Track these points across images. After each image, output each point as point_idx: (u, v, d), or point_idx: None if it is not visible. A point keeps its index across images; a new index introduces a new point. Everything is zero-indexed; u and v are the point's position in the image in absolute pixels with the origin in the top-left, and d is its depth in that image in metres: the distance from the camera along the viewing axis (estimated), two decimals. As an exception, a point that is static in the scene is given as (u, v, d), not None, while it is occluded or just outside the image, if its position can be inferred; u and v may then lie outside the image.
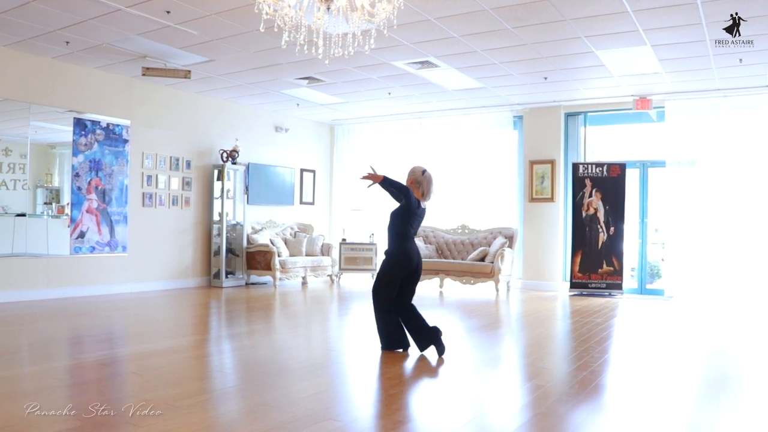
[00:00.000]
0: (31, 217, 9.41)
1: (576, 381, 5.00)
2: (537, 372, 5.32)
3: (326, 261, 12.91)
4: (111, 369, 5.18)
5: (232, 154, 11.92)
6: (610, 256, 11.51)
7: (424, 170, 6.05)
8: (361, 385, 4.98)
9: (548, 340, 7.19)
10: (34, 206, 9.56)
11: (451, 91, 11.21)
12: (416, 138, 13.63)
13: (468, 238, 12.68)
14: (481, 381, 5.15)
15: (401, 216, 5.91)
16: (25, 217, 9.26)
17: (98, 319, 8.02)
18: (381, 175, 5.71)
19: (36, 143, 9.52)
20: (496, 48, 8.54)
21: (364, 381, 5.11)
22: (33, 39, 8.49)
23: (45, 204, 9.75)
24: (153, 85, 10.83)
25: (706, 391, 4.89)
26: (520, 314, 9.10)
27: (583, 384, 4.87)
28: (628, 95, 11.13)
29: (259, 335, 6.93)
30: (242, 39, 8.32)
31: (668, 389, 4.88)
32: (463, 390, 4.88)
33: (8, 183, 9.10)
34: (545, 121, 12.26)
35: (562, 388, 4.80)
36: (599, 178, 11.61)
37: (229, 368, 5.42)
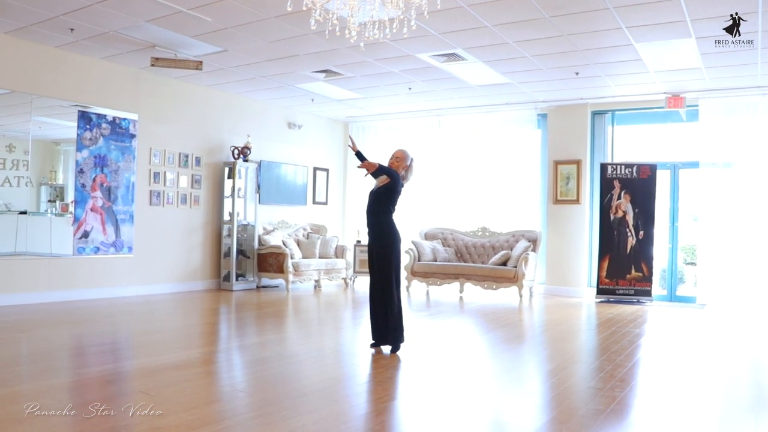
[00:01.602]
0: (34, 215, 8.98)
1: (605, 398, 4.48)
2: (563, 389, 4.79)
3: (340, 263, 12.38)
4: (116, 387, 4.65)
5: (244, 151, 11.39)
6: (639, 262, 10.95)
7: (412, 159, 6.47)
8: (381, 408, 4.44)
9: (578, 353, 6.64)
10: (38, 204, 9.13)
11: (475, 87, 10.66)
12: (434, 136, 13.11)
13: (488, 241, 12.14)
14: (504, 397, 4.62)
15: (390, 195, 6.15)
16: (27, 215, 8.77)
17: (102, 326, 7.50)
18: (376, 164, 6.08)
19: (40, 139, 9.06)
20: (530, 39, 7.99)
21: (382, 402, 4.58)
22: (35, 25, 7.98)
23: (49, 202, 9.28)
24: (162, 77, 10.31)
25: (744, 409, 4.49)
26: (547, 323, 8.54)
27: (612, 402, 4.34)
28: (660, 92, 10.58)
29: (272, 347, 6.39)
30: (259, 27, 7.78)
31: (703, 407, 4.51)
32: (485, 406, 4.43)
33: (12, 180, 8.68)
34: (571, 119, 11.72)
35: (588, 404, 4.27)
36: (628, 179, 11.05)
37: (242, 388, 4.88)
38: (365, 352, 6.24)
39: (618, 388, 4.93)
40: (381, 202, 6.16)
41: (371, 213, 6.21)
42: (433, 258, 11.86)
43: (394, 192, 6.16)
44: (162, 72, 10.01)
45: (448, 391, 4.85)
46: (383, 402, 4.56)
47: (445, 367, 5.74)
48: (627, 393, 4.83)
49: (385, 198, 6.16)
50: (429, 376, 5.42)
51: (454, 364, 5.90)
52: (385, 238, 6.14)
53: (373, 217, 6.19)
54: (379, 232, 6.16)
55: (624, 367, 5.80)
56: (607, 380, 5.19)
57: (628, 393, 4.84)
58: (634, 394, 4.87)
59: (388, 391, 4.95)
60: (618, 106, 11.47)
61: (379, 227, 6.16)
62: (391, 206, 6.20)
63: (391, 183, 6.13)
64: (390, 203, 6.18)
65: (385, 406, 4.45)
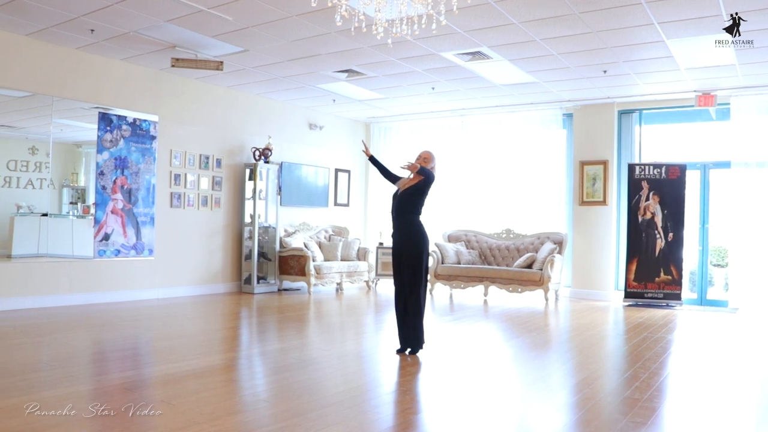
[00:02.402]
0: (56, 217, 8.96)
1: (644, 409, 4.27)
2: (597, 400, 4.57)
3: (362, 266, 12.21)
4: (136, 395, 4.51)
5: (265, 152, 11.27)
6: (669, 264, 10.67)
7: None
8: (408, 420, 4.27)
9: (610, 361, 6.40)
10: (60, 206, 9.09)
11: (499, 86, 10.45)
12: (457, 137, 12.91)
13: (513, 243, 11.91)
14: (533, 409, 4.41)
15: (419, 196, 6.13)
16: (48, 216, 8.73)
17: (123, 330, 7.40)
18: (418, 165, 6.09)
19: (62, 141, 9.05)
20: (558, 36, 7.78)
21: (409, 414, 4.40)
22: (55, 27, 7.89)
23: (71, 204, 9.21)
24: (182, 78, 10.21)
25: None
26: (575, 328, 8.31)
27: (652, 414, 4.13)
28: (690, 91, 10.30)
29: (295, 353, 6.23)
30: (280, 26, 7.64)
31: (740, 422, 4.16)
32: (513, 420, 4.24)
33: (34, 182, 8.64)
34: (597, 119, 11.47)
35: (627, 417, 4.06)
36: (657, 180, 10.78)
37: (265, 397, 4.72)
38: (389, 358, 6.08)
39: (656, 399, 4.73)
40: (409, 202, 6.11)
41: (399, 214, 6.13)
42: (457, 260, 11.66)
43: (423, 193, 6.13)
44: (182, 73, 9.91)
45: (474, 403, 4.66)
46: (410, 414, 4.38)
47: (471, 376, 5.55)
48: (666, 404, 4.62)
49: (413, 199, 6.11)
50: (454, 385, 5.23)
51: (479, 373, 5.70)
52: (415, 238, 6.08)
53: (402, 219, 6.12)
54: (407, 233, 6.09)
55: (660, 375, 5.58)
56: (644, 390, 4.98)
57: (667, 404, 4.63)
58: (674, 404, 4.66)
59: (414, 401, 4.77)
60: (646, 105, 11.20)
61: (407, 229, 6.10)
62: (420, 207, 6.17)
63: (421, 183, 6.10)
64: (419, 204, 6.15)
65: (412, 419, 4.27)
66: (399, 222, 6.13)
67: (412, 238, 6.07)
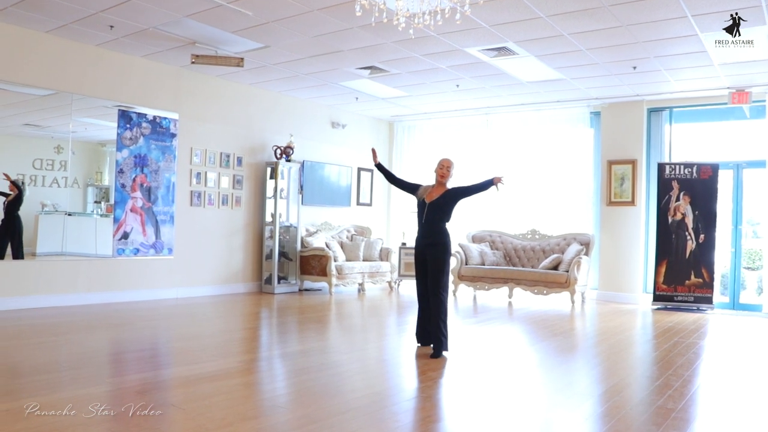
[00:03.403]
0: (80, 215, 8.94)
1: (679, 420, 4.03)
2: (628, 409, 4.34)
3: (385, 266, 12.03)
4: (148, 398, 4.36)
5: (286, 150, 11.12)
6: (699, 267, 10.36)
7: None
8: (429, 429, 4.07)
9: (640, 367, 6.14)
10: (84, 205, 9.05)
11: (525, 84, 10.21)
12: (481, 136, 12.68)
13: (539, 244, 11.65)
14: (561, 419, 4.19)
15: (452, 206, 6.27)
16: (69, 215, 8.71)
17: (140, 331, 7.29)
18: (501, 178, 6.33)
19: (86, 141, 9.04)
20: (587, 31, 7.53)
21: (430, 422, 4.21)
22: (75, 23, 7.81)
23: (95, 203, 9.15)
24: (203, 75, 10.10)
25: None
26: (603, 332, 8.03)
27: (687, 426, 3.90)
28: (723, 87, 9.98)
29: (314, 356, 6.06)
30: (301, 21, 7.48)
31: None
32: (536, 427, 4.01)
33: (60, 180, 8.62)
34: (626, 117, 11.18)
35: (662, 428, 3.85)
36: (688, 179, 10.47)
37: (282, 402, 4.56)
38: (411, 362, 5.91)
39: (690, 409, 4.49)
40: (443, 212, 6.22)
41: (431, 223, 6.21)
42: (481, 261, 11.43)
43: (455, 203, 6.28)
44: (203, 70, 9.80)
45: (498, 412, 4.45)
46: (430, 422, 4.18)
47: (495, 383, 5.33)
48: (701, 414, 4.38)
49: (447, 208, 6.24)
50: (477, 392, 5.01)
51: (503, 379, 5.48)
52: (443, 245, 6.19)
53: (434, 227, 6.21)
54: (437, 240, 6.19)
55: (693, 383, 5.34)
56: (677, 399, 4.74)
57: (702, 414, 4.39)
58: (709, 415, 4.42)
59: (435, 408, 4.58)
60: (676, 102, 10.88)
61: (438, 236, 6.20)
62: (451, 215, 6.32)
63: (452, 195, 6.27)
64: (450, 213, 6.30)
65: (432, 428, 4.07)
66: (429, 229, 6.23)
67: (440, 245, 6.18)
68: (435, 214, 6.20)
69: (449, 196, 6.22)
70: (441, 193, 6.23)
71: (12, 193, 8.17)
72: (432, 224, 6.20)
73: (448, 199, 6.22)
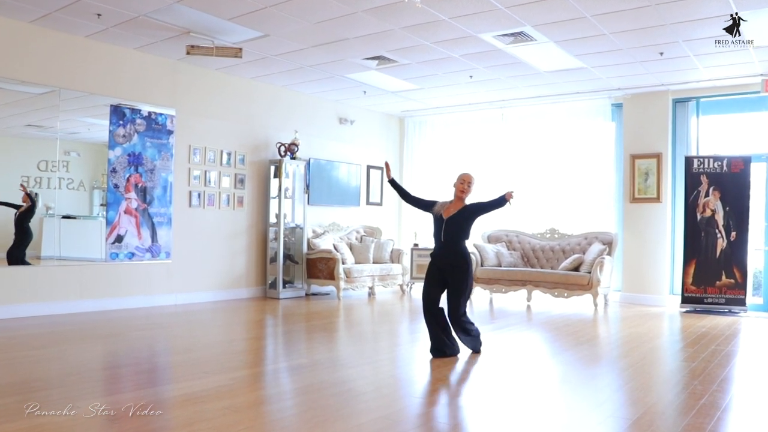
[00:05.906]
0: (86, 219, 8.59)
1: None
2: None
3: (396, 269, 11.46)
4: (145, 423, 3.79)
5: (291, 147, 10.57)
6: (731, 267, 9.72)
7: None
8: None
9: (678, 381, 5.49)
10: (90, 207, 8.64)
11: (543, 74, 9.61)
12: (497, 130, 12.10)
13: (558, 244, 11.04)
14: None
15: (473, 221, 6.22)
16: (72, 219, 8.36)
17: (135, 342, 6.75)
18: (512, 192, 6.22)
19: (92, 142, 8.65)
20: (611, 12, 6.93)
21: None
22: (59, 12, 7.29)
23: (101, 206, 8.70)
24: (201, 69, 9.57)
25: None
26: (631, 339, 7.37)
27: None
28: (755, 75, 9.35)
29: (323, 370, 5.49)
30: (302, 4, 6.91)
31: None
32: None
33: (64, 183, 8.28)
34: (650, 108, 10.55)
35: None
36: (718, 174, 9.83)
37: (287, 424, 4.00)
38: (425, 374, 5.39)
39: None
40: (462, 229, 6.13)
41: (451, 242, 6.09)
42: (498, 263, 10.84)
43: (474, 219, 6.23)
44: (201, 63, 9.27)
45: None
46: None
47: (517, 403, 4.71)
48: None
49: (465, 225, 6.15)
50: (498, 416, 4.40)
51: (524, 397, 4.86)
52: (466, 265, 6.10)
53: (455, 247, 6.10)
54: (459, 262, 6.09)
55: (742, 400, 4.72)
56: (730, 423, 4.13)
57: None
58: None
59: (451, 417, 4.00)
60: (703, 92, 10.26)
61: (460, 257, 6.11)
62: (470, 231, 6.25)
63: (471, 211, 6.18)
64: (470, 229, 6.23)
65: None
66: (449, 248, 6.10)
67: (462, 267, 6.08)
68: (453, 231, 6.08)
69: (467, 213, 6.13)
70: (459, 209, 6.12)
71: (25, 204, 7.91)
72: (452, 243, 6.08)
73: (466, 216, 6.13)
